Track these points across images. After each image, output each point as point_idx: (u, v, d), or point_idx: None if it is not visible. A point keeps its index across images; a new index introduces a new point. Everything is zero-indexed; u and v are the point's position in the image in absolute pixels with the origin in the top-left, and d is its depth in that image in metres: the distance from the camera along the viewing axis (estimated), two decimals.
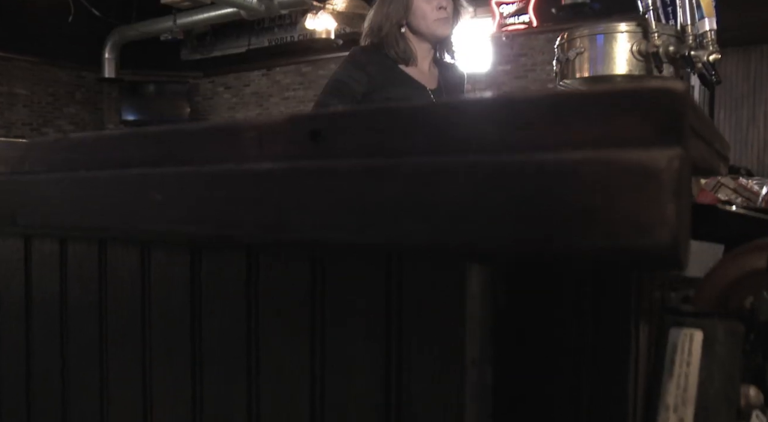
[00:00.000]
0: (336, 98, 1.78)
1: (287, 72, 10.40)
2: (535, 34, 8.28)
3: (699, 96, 5.08)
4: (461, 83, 2.02)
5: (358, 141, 0.22)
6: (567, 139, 0.21)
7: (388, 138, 0.22)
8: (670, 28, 1.49)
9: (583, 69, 1.58)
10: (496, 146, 0.23)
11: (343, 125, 0.23)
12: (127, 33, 9.84)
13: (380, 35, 1.84)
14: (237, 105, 11.00)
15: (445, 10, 1.80)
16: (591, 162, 0.21)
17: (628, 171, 0.22)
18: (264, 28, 9.99)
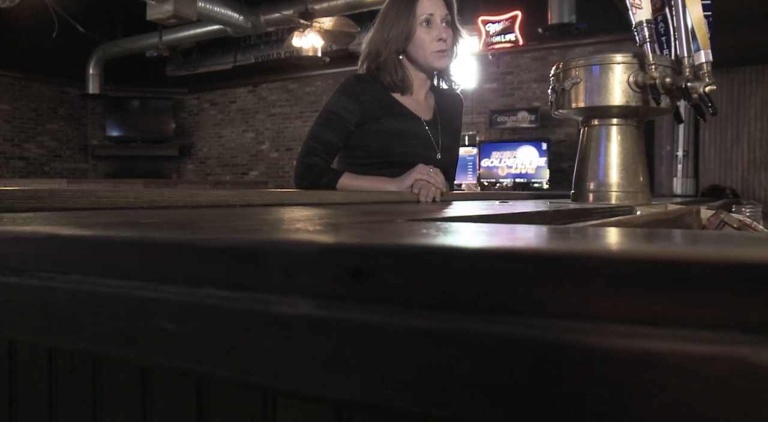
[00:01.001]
0: (329, 130, 1.74)
1: (273, 89, 10.39)
2: (521, 52, 8.35)
3: (685, 116, 5.13)
4: (458, 112, 1.99)
5: (419, 286, 0.19)
6: (686, 323, 0.17)
7: (466, 287, 0.19)
8: (666, 60, 1.49)
9: (579, 99, 1.57)
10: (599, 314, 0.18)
11: (397, 264, 0.19)
12: (112, 49, 9.79)
13: (378, 61, 1.81)
14: (223, 121, 10.96)
15: (444, 43, 1.77)
16: (722, 359, 0.17)
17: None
18: (250, 44, 9.98)
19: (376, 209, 0.89)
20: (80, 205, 0.77)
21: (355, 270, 0.20)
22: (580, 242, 0.21)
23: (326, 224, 0.40)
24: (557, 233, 0.25)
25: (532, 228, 0.33)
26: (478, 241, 0.22)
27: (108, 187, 4.96)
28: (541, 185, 7.94)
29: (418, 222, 0.44)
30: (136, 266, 0.26)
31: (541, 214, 0.76)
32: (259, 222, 0.43)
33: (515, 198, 2.09)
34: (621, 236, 0.27)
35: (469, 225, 0.38)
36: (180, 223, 0.41)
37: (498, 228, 0.37)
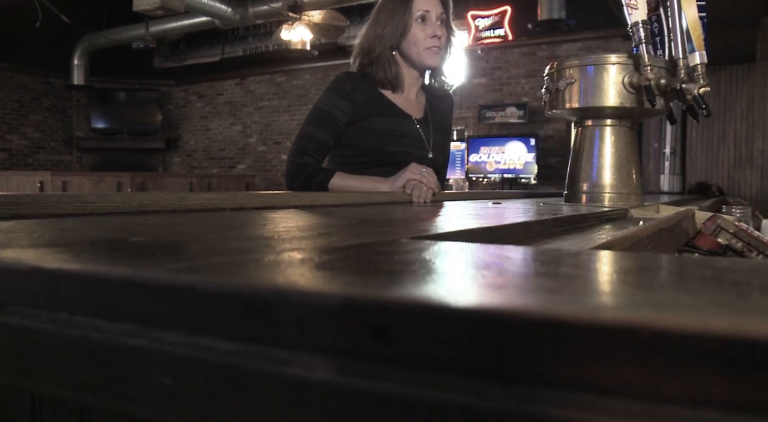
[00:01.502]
0: (320, 128, 1.72)
1: (261, 81, 10.32)
2: (511, 47, 8.34)
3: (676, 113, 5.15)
4: (448, 111, 1.97)
5: (452, 350, 0.17)
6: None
7: (511, 355, 0.16)
8: (661, 61, 1.47)
9: (573, 99, 1.55)
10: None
11: (424, 323, 0.17)
12: (97, 40, 9.66)
13: (371, 56, 1.79)
14: (210, 114, 10.87)
15: (438, 40, 1.75)
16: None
17: None
18: (238, 37, 9.88)
19: (372, 216, 0.87)
20: (66, 210, 0.74)
21: (377, 329, 0.18)
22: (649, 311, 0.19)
23: (327, 251, 0.38)
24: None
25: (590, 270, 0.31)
26: (520, 295, 0.20)
27: (93, 178, 4.95)
28: (529, 180, 7.95)
29: (424, 241, 0.43)
30: (128, 308, 0.24)
31: (540, 223, 0.74)
32: (255, 242, 0.40)
33: (506, 197, 2.08)
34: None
35: (490, 252, 0.37)
36: (172, 245, 0.39)
37: (528, 263, 0.35)
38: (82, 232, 0.49)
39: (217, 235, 0.47)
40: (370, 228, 0.58)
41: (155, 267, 0.26)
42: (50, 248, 0.35)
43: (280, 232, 0.50)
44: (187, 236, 0.44)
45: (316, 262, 0.28)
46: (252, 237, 0.44)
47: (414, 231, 0.53)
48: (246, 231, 0.52)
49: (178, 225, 0.60)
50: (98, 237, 0.45)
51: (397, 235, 0.48)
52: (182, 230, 0.53)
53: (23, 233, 0.48)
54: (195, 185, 8.64)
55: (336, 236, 0.45)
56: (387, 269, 0.26)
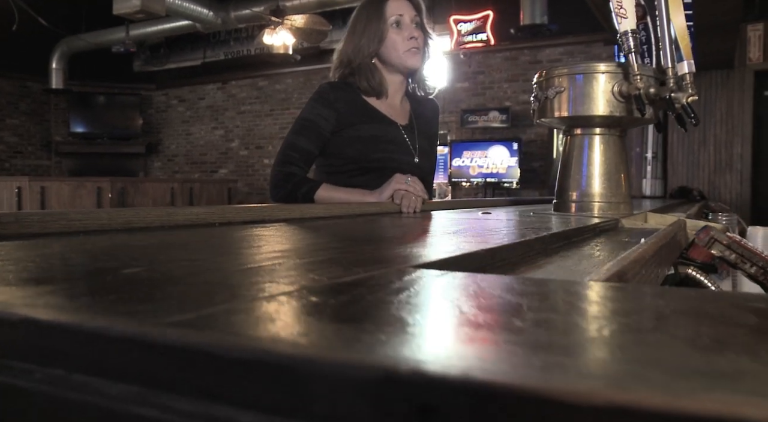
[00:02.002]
0: (305, 137, 1.71)
1: (243, 86, 10.26)
2: (493, 52, 8.38)
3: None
4: (434, 118, 1.97)
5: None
6: None
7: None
8: (649, 70, 1.47)
9: (562, 108, 1.55)
10: None
11: (482, 406, 0.15)
12: (76, 43, 9.54)
13: (352, 67, 1.78)
14: (191, 118, 10.78)
15: (416, 40, 1.76)
16: None
17: None
18: (220, 41, 9.82)
19: (366, 233, 0.85)
20: (49, 229, 0.72)
21: (423, 409, 0.16)
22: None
23: (339, 290, 0.36)
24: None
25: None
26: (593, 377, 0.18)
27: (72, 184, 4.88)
28: (511, 185, 7.98)
29: (435, 273, 0.41)
30: (133, 369, 0.22)
31: (540, 240, 0.73)
32: (256, 276, 0.38)
33: (493, 205, 2.07)
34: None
35: (514, 290, 0.35)
36: (169, 280, 0.36)
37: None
38: (71, 260, 0.47)
39: (212, 264, 0.45)
40: (371, 250, 0.56)
41: (160, 320, 0.24)
42: (39, 286, 0.33)
43: (278, 259, 0.48)
44: (182, 267, 0.42)
45: (334, 309, 0.26)
46: (251, 267, 0.42)
47: (417, 256, 0.51)
48: (242, 257, 0.50)
49: (169, 249, 0.57)
50: (88, 267, 0.42)
51: (403, 261, 0.46)
52: (175, 257, 0.51)
53: (7, 262, 0.45)
54: (176, 190, 8.56)
55: (340, 266, 0.43)
56: (414, 321, 0.24)
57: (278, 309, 0.26)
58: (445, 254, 0.52)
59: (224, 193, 9.18)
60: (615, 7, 1.43)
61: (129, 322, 0.24)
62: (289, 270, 0.40)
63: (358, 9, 1.84)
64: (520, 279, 0.37)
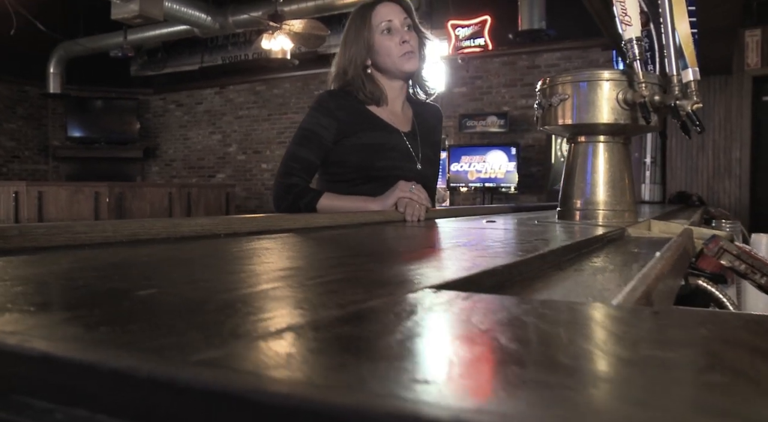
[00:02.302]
0: (306, 148, 1.69)
1: (241, 90, 10.25)
2: (491, 57, 8.38)
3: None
4: (437, 123, 1.95)
5: None
6: None
7: None
8: (654, 77, 1.47)
9: (566, 116, 1.54)
10: None
11: None
12: (74, 48, 9.52)
13: (346, 79, 1.77)
14: (189, 123, 10.77)
15: (408, 44, 1.74)
16: None
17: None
18: (217, 45, 9.81)
19: (374, 245, 0.84)
20: (54, 242, 0.70)
21: None
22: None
23: (364, 318, 0.35)
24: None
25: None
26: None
27: (70, 188, 4.87)
28: (509, 190, 7.98)
29: (457, 295, 0.40)
30: (161, 412, 0.21)
31: (553, 253, 0.72)
32: (272, 301, 0.37)
33: (495, 212, 2.06)
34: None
35: (560, 320, 0.34)
36: (187, 304, 0.35)
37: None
38: (81, 279, 0.45)
39: (225, 285, 0.44)
40: (384, 267, 0.55)
41: (188, 357, 0.23)
42: (54, 313, 0.32)
43: (290, 276, 0.47)
44: (196, 288, 0.41)
45: (370, 344, 0.25)
46: (261, 290, 0.41)
47: (434, 274, 0.50)
48: (255, 275, 0.49)
49: (179, 266, 0.56)
50: (101, 288, 0.41)
51: (420, 281, 0.45)
52: (186, 275, 0.49)
53: (15, 281, 0.44)
54: (174, 195, 8.53)
55: (356, 286, 0.42)
56: (451, 358, 0.23)
57: (307, 345, 0.25)
58: (463, 271, 0.51)
59: (222, 198, 9.16)
60: (620, 15, 1.43)
61: (157, 362, 0.22)
62: (301, 294, 0.39)
63: (348, 19, 1.83)
64: (549, 304, 0.36)
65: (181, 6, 7.28)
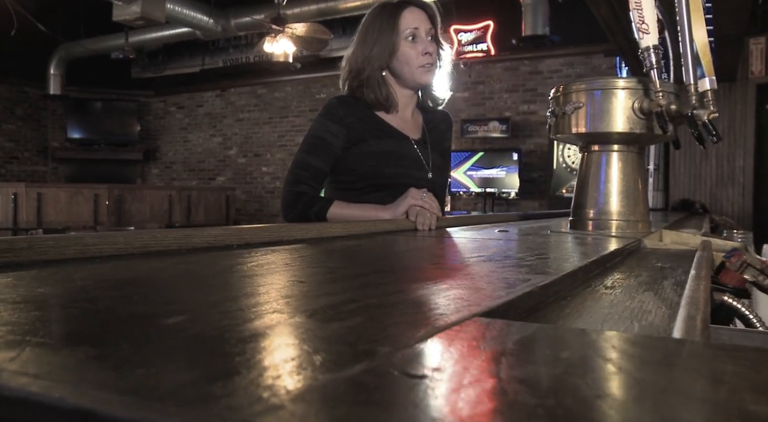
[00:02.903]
0: (315, 155, 1.65)
1: (242, 93, 10.23)
2: (493, 62, 8.37)
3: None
4: (447, 131, 1.92)
5: None
6: None
7: None
8: (670, 86, 1.44)
9: (580, 124, 1.52)
10: None
11: None
12: (75, 49, 9.50)
13: (360, 78, 1.73)
14: (189, 125, 10.74)
15: (430, 56, 1.70)
16: None
17: None
18: (219, 48, 9.80)
19: (396, 260, 0.81)
20: (65, 255, 0.67)
21: None
22: None
23: (414, 361, 0.32)
24: None
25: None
26: None
27: (69, 190, 4.87)
28: (510, 195, 7.96)
29: (511, 326, 0.37)
30: None
31: (583, 269, 0.69)
32: (308, 341, 0.35)
33: (504, 221, 2.04)
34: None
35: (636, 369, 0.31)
36: (217, 333, 0.32)
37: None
38: (100, 301, 0.42)
39: (253, 308, 0.41)
40: (415, 287, 0.52)
41: (247, 415, 0.20)
42: (78, 349, 0.29)
43: (314, 298, 0.44)
44: (223, 314, 0.38)
45: (440, 396, 0.22)
46: (296, 321, 0.38)
47: (470, 298, 0.48)
48: (279, 299, 0.46)
49: (198, 283, 0.53)
50: (122, 313, 0.38)
51: (461, 306, 0.42)
52: (208, 295, 0.46)
53: (29, 305, 0.41)
54: (174, 197, 8.50)
55: (401, 313, 0.39)
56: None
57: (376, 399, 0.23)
58: (501, 291, 0.48)
59: (222, 201, 9.13)
60: (637, 23, 1.40)
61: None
62: (341, 325, 0.36)
63: (370, 16, 1.76)
64: (616, 337, 0.33)
65: (183, 8, 7.26)
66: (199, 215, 8.76)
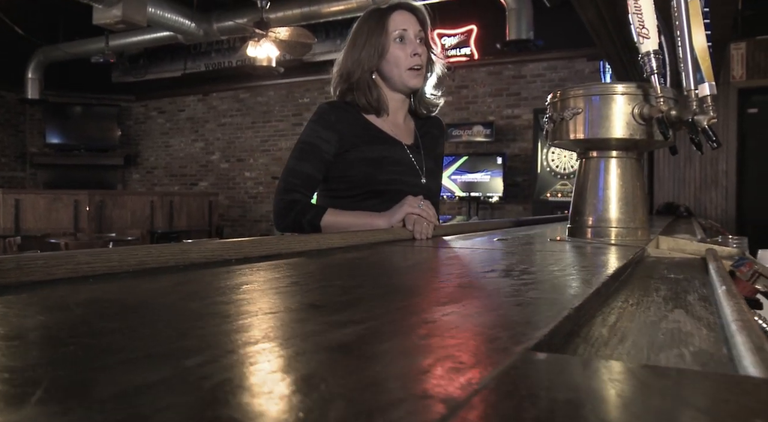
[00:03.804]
0: (306, 162, 1.61)
1: (224, 97, 10.14)
2: (477, 66, 8.38)
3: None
4: (440, 136, 1.89)
5: None
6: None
7: None
8: (670, 91, 1.42)
9: (578, 130, 1.49)
10: None
11: None
12: (54, 53, 9.35)
13: (350, 82, 1.69)
14: (171, 130, 10.62)
15: (419, 58, 1.68)
16: None
17: None
18: (201, 52, 9.70)
19: (408, 278, 0.77)
20: (55, 275, 0.63)
21: None
22: None
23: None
24: None
25: None
26: None
27: (48, 197, 4.80)
28: (492, 198, 7.96)
29: (565, 364, 0.33)
30: None
31: (606, 285, 0.66)
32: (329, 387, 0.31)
33: (497, 227, 2.01)
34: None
35: None
36: (244, 381, 0.28)
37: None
38: (104, 337, 0.38)
39: (285, 342, 0.37)
40: (444, 315, 0.48)
41: None
42: (89, 407, 0.25)
43: (339, 327, 0.40)
44: (249, 355, 0.34)
45: None
46: (323, 359, 0.34)
47: (509, 325, 0.44)
48: (295, 327, 0.42)
49: (205, 309, 0.49)
50: (137, 353, 0.34)
51: (503, 337, 0.38)
52: (219, 324, 0.42)
53: (24, 342, 0.37)
54: (156, 203, 8.39)
55: (436, 347, 0.35)
56: None
57: None
58: (536, 316, 0.44)
59: (205, 206, 9.03)
60: (637, 28, 1.38)
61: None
62: (370, 370, 0.33)
63: (359, 21, 1.75)
64: (710, 380, 0.29)
65: (165, 12, 7.17)
66: (181, 221, 8.65)
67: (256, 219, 9.82)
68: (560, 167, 7.13)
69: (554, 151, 7.17)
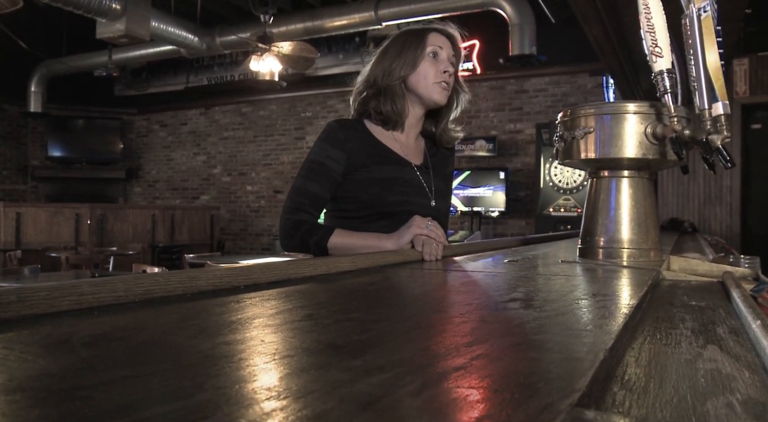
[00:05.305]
0: (315, 181, 1.58)
1: (226, 111, 10.15)
2: (479, 81, 8.38)
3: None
4: (450, 155, 1.86)
5: None
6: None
7: None
8: (683, 110, 1.40)
9: (590, 149, 1.47)
10: None
11: None
12: (56, 66, 9.37)
13: (378, 87, 1.67)
14: (173, 143, 10.62)
15: (449, 76, 1.67)
16: None
17: None
18: (203, 66, 9.73)
19: (427, 311, 0.74)
20: (58, 307, 0.60)
21: None
22: None
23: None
24: None
25: None
26: None
27: (49, 210, 4.78)
28: (494, 213, 7.93)
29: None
30: None
31: (630, 317, 0.63)
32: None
33: (505, 246, 1.98)
34: None
35: None
36: None
37: None
38: (113, 386, 0.35)
39: (312, 393, 0.34)
40: (463, 354, 0.45)
41: None
42: None
43: (367, 377, 0.38)
44: (272, 416, 0.31)
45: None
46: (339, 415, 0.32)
47: (542, 373, 0.41)
48: (309, 371, 0.40)
49: (218, 351, 0.46)
50: (154, 411, 0.31)
51: (545, 388, 0.35)
52: (236, 369, 0.39)
53: (29, 395, 0.34)
54: (158, 217, 8.36)
55: (456, 409, 0.32)
56: None
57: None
58: (571, 363, 0.42)
59: (206, 220, 9.00)
60: (650, 46, 1.36)
61: None
62: None
63: (394, 37, 1.75)
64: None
65: (168, 26, 7.19)
66: (183, 235, 8.62)
67: (257, 233, 9.79)
68: (563, 182, 7.11)
69: (557, 166, 7.15)
